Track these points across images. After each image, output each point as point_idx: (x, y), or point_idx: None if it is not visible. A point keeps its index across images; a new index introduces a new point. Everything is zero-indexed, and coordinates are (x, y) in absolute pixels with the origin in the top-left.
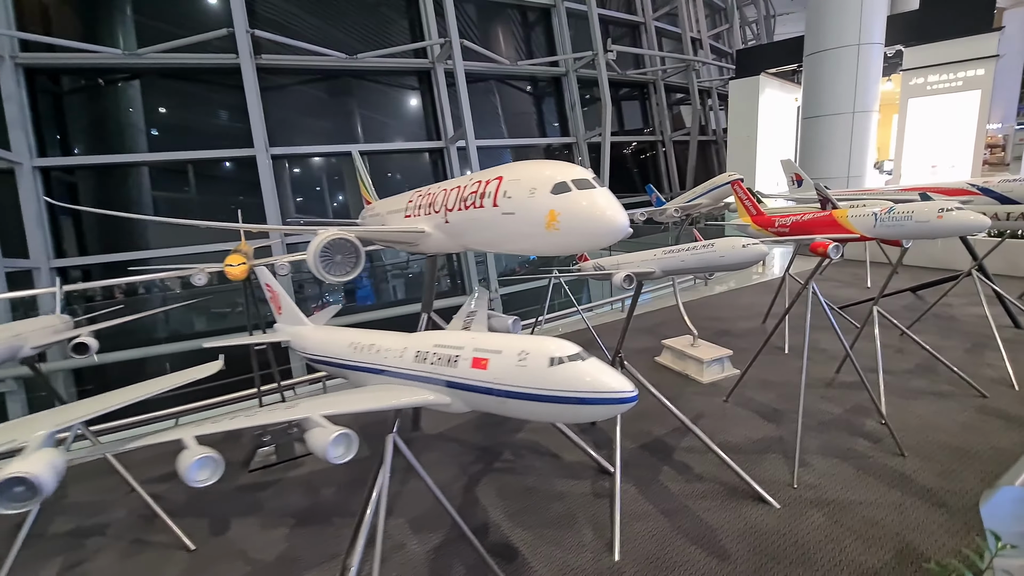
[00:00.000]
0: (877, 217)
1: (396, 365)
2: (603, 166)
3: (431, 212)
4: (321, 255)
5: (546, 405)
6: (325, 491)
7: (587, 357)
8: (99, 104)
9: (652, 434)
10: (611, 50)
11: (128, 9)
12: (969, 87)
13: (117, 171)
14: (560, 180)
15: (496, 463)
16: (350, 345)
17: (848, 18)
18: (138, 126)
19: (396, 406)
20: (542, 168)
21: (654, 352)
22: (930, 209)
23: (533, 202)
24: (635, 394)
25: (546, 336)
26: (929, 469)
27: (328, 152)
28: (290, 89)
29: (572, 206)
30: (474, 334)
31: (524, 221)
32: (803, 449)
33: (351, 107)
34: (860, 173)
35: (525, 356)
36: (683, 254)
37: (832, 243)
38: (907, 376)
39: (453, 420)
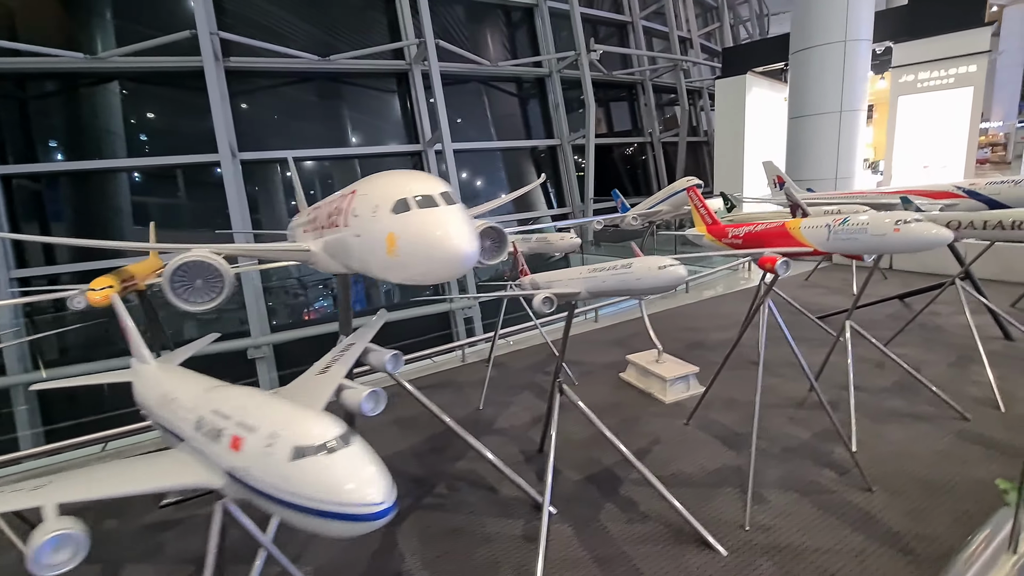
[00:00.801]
0: (831, 229)
1: (182, 430)
2: (587, 168)
3: (319, 228)
4: (174, 280)
5: (287, 511)
6: (234, 532)
7: (344, 446)
8: (66, 109)
9: (601, 463)
10: (594, 50)
11: (107, 12)
12: (961, 84)
13: (94, 178)
14: (401, 197)
15: (427, 498)
16: (162, 397)
17: (834, 13)
18: (116, 132)
19: (161, 488)
20: (389, 181)
21: (621, 367)
22: (886, 221)
23: (375, 223)
24: (384, 508)
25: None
26: (898, 507)
27: (306, 156)
28: (274, 92)
29: (409, 228)
30: (263, 396)
31: (368, 245)
32: (762, 482)
33: (334, 110)
34: (849, 174)
35: (273, 440)
36: (604, 274)
37: (781, 258)
38: (884, 395)
39: (392, 446)
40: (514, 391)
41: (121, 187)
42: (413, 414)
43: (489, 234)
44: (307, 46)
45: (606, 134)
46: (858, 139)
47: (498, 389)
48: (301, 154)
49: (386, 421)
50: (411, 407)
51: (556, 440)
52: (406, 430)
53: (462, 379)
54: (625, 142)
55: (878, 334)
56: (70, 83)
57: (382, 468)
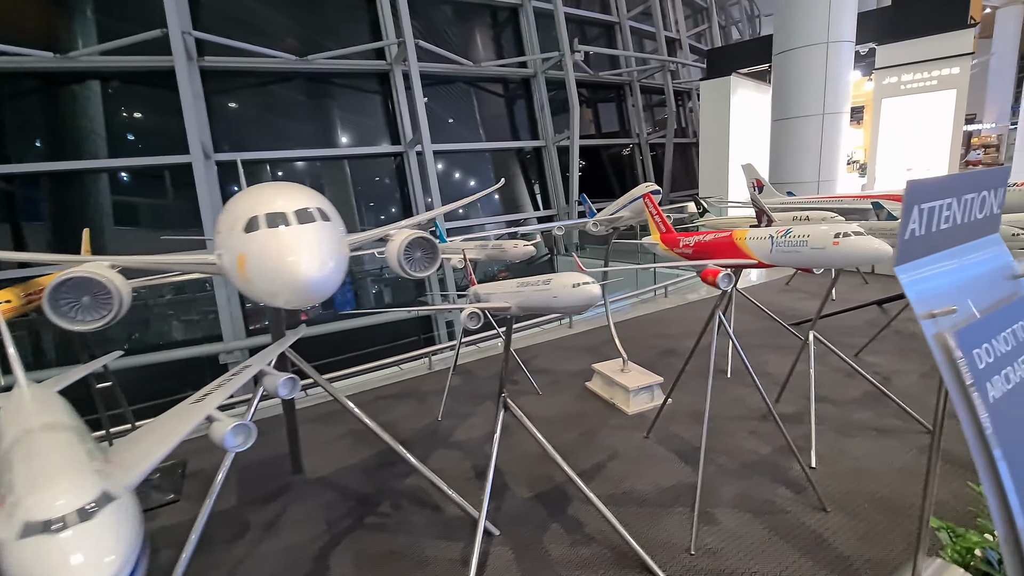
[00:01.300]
0: (773, 241)
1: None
2: (572, 170)
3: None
4: (56, 297)
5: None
6: (166, 552)
7: (77, 522)
8: (38, 109)
9: (553, 480)
10: (578, 50)
11: (87, 10)
12: (944, 86)
13: (70, 178)
14: (253, 215)
15: (369, 517)
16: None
17: (817, 14)
18: (96, 132)
19: None
20: (250, 196)
21: (589, 376)
22: (826, 234)
23: (230, 241)
24: None
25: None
26: (852, 530)
27: (281, 158)
28: (255, 91)
29: (254, 249)
30: (56, 442)
31: (227, 264)
32: (715, 501)
33: (317, 110)
34: (831, 177)
35: (14, 509)
36: (528, 290)
37: (723, 272)
38: (851, 407)
39: (341, 460)
40: (477, 401)
41: (101, 187)
42: None
43: (419, 244)
44: (290, 45)
45: (593, 135)
46: (841, 142)
47: (460, 399)
48: (271, 156)
49: (340, 433)
50: None
51: (510, 455)
52: (360, 443)
53: (426, 388)
54: (611, 143)
55: (854, 341)
56: (42, 82)
57: (118, 555)
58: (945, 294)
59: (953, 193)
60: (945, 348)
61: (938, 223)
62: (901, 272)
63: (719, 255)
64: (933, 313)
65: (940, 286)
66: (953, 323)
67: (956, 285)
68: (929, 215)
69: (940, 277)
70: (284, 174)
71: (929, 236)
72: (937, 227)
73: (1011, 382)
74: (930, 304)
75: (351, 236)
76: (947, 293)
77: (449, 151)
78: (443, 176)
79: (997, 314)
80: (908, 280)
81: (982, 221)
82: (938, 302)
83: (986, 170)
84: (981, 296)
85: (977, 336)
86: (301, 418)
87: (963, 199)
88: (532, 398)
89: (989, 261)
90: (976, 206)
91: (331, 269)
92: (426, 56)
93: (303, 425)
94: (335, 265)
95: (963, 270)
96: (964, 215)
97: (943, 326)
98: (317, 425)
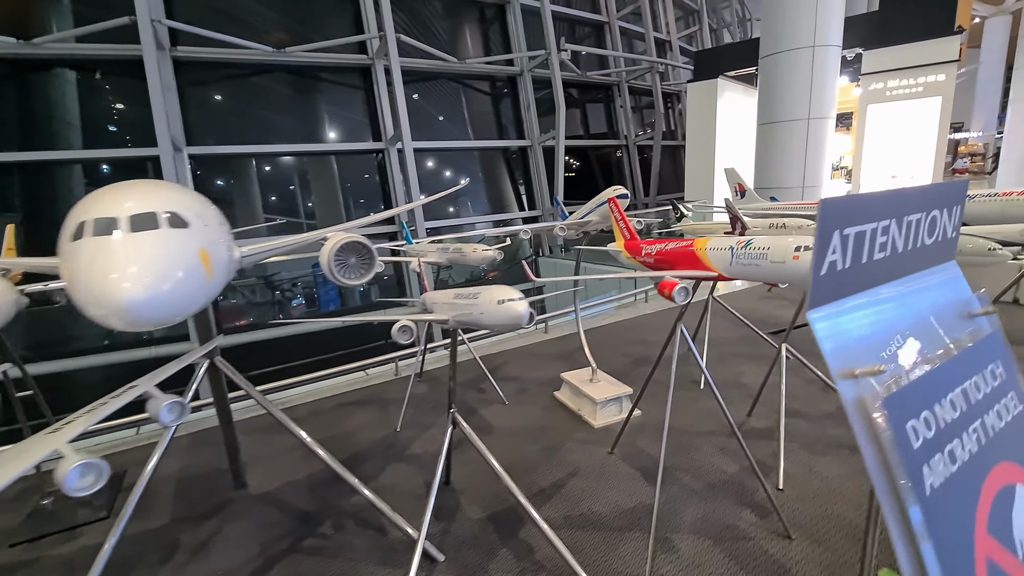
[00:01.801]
0: (733, 252)
1: None
2: (556, 171)
3: None
4: None
5: None
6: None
7: None
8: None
9: (509, 500)
10: (565, 49)
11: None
12: (930, 93)
13: (39, 169)
14: (82, 220)
15: (309, 538)
16: None
17: (803, 18)
18: (69, 123)
19: None
20: (91, 198)
21: (559, 385)
22: (788, 247)
23: (61, 249)
24: None
25: None
26: (816, 559)
27: (257, 152)
28: (235, 83)
29: (77, 261)
30: None
31: (62, 275)
32: (676, 524)
33: (300, 104)
34: (817, 183)
35: None
36: (462, 302)
37: (680, 284)
38: (824, 423)
39: (286, 475)
40: (440, 411)
41: (75, 178)
42: (322, 437)
43: (354, 249)
44: (275, 37)
45: (582, 136)
46: (826, 147)
47: (424, 408)
48: (246, 150)
49: (292, 444)
50: (322, 429)
51: (465, 471)
52: (310, 456)
53: (390, 395)
54: (599, 144)
55: None
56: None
57: None
58: (875, 345)
59: (890, 213)
60: (868, 420)
61: (870, 252)
62: (815, 317)
63: (679, 266)
64: (854, 372)
65: (869, 335)
66: (883, 384)
67: (891, 331)
68: (856, 243)
69: (870, 322)
70: (270, 168)
71: (857, 269)
72: (869, 257)
73: (957, 461)
74: (852, 359)
75: (285, 239)
76: (878, 343)
77: (431, 148)
78: (431, 174)
79: (945, 369)
80: (824, 328)
81: (932, 248)
82: (864, 356)
83: (938, 185)
84: (927, 343)
85: (915, 401)
86: (251, 427)
87: (905, 221)
88: (498, 408)
89: (940, 297)
90: (923, 229)
91: (170, 288)
92: (410, 52)
93: (252, 435)
94: (180, 282)
95: (904, 310)
96: (908, 241)
97: (866, 390)
98: (268, 435)
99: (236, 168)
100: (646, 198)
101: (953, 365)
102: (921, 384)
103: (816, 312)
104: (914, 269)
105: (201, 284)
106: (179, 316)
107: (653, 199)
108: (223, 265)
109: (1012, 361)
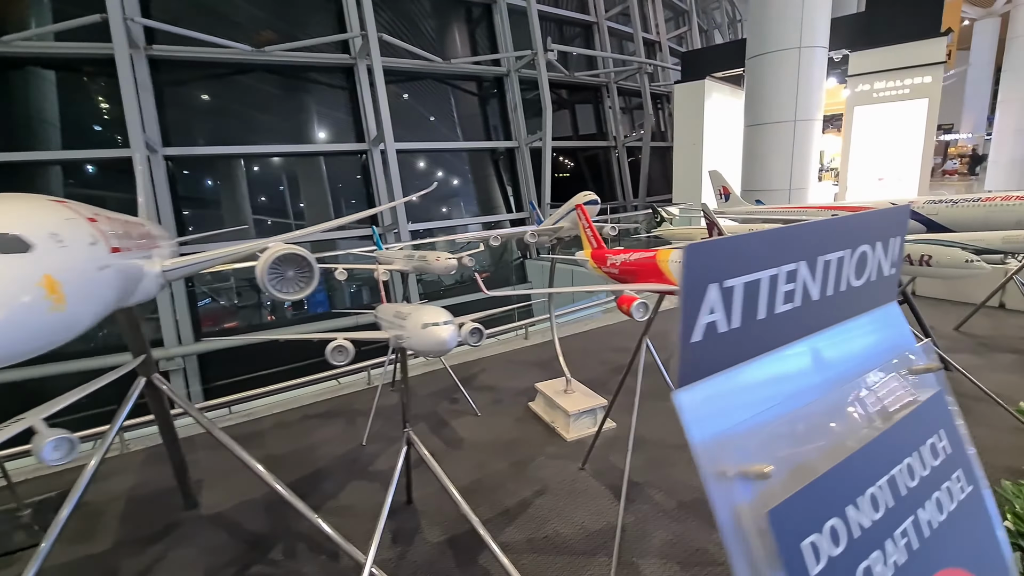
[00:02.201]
0: None
1: None
2: (544, 173)
3: None
4: None
5: None
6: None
7: None
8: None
9: (469, 523)
10: (551, 49)
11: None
12: (916, 95)
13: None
14: None
15: (256, 565)
16: None
17: (789, 18)
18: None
19: None
20: None
21: (535, 395)
22: None
23: None
24: None
25: None
26: None
27: (237, 153)
28: (216, 82)
29: None
30: None
31: None
32: (643, 548)
33: (285, 103)
34: (804, 185)
35: None
36: (397, 321)
37: (638, 300)
38: None
39: (241, 494)
40: (411, 422)
41: (54, 180)
42: (285, 451)
43: (292, 261)
44: (264, 36)
45: (571, 137)
46: (813, 150)
47: (393, 421)
48: (226, 151)
49: (254, 459)
50: (285, 443)
51: (428, 490)
52: (270, 471)
53: (360, 406)
54: (587, 146)
55: None
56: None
57: None
58: (765, 434)
59: (795, 254)
60: (746, 537)
61: (769, 306)
62: (684, 397)
63: (641, 278)
64: (731, 471)
65: (756, 420)
66: (768, 489)
67: (792, 411)
68: (748, 296)
69: (761, 400)
70: (259, 168)
71: (748, 330)
72: (769, 311)
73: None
74: (730, 452)
75: (216, 252)
76: (770, 432)
77: (414, 150)
78: (420, 175)
79: (863, 455)
80: (694, 411)
81: (862, 291)
82: (747, 449)
83: (869, 213)
84: (843, 421)
85: (816, 509)
86: (210, 443)
87: (821, 262)
88: (469, 420)
89: (869, 354)
90: (848, 270)
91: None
92: (395, 51)
93: (208, 451)
94: (7, 315)
95: (814, 378)
96: (826, 286)
97: (745, 495)
98: (225, 451)
99: (223, 169)
100: (635, 200)
101: (877, 447)
102: (826, 483)
103: (686, 391)
104: (836, 320)
105: (43, 317)
106: (16, 356)
107: (643, 201)
108: (90, 291)
109: (958, 429)
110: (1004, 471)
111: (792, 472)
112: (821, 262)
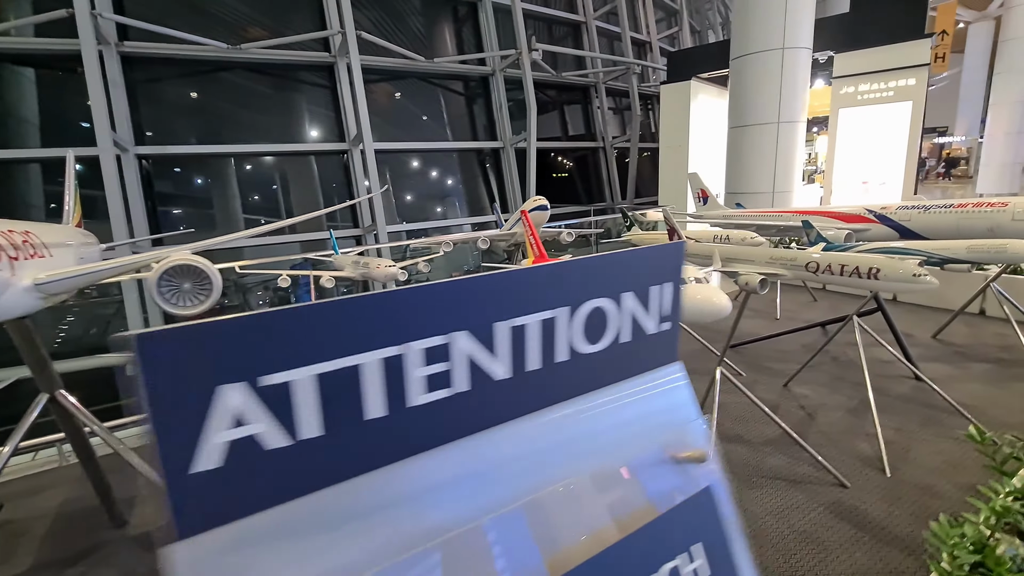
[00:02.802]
0: None
1: None
2: (529, 173)
3: None
4: None
5: None
6: None
7: None
8: None
9: None
10: (536, 49)
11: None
12: (901, 98)
13: None
14: None
15: None
16: None
17: (772, 19)
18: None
19: None
20: None
21: None
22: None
23: None
24: None
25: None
26: None
27: (215, 153)
28: (192, 81)
29: None
30: None
31: None
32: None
33: (268, 101)
34: (787, 188)
35: None
36: None
37: None
38: (767, 450)
39: None
40: None
41: (32, 178)
42: None
43: (189, 273)
44: (252, 33)
45: (559, 138)
46: (797, 152)
47: None
48: (203, 150)
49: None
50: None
51: None
52: None
53: None
54: (575, 147)
55: (788, 368)
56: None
57: None
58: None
59: (452, 324)
60: None
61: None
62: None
63: None
64: None
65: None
66: None
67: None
68: (335, 383)
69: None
70: (251, 167)
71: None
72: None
73: None
74: None
75: (100, 264)
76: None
77: (393, 150)
78: (412, 175)
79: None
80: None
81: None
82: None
83: (608, 256)
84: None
85: None
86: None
87: (498, 328)
88: None
89: (612, 448)
90: (573, 331)
91: None
92: (376, 50)
93: None
94: None
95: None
96: (519, 357)
97: None
98: None
99: (203, 168)
100: (623, 202)
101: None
102: None
103: (184, 545)
104: (557, 399)
105: None
106: None
107: (631, 203)
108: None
109: (729, 539)
110: (967, 489)
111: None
112: (504, 327)
